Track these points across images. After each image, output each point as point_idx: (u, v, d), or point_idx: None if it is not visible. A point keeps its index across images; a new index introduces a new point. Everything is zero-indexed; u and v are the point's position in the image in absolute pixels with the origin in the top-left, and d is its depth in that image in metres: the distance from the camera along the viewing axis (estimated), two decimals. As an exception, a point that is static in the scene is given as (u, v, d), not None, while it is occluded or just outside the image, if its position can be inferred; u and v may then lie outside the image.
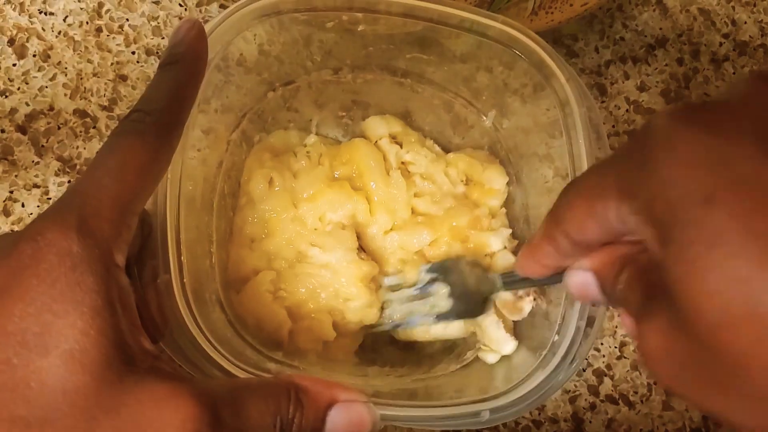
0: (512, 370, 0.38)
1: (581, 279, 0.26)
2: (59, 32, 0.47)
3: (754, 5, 0.54)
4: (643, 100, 0.52)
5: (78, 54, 0.47)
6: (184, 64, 0.28)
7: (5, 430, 0.21)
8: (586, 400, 0.46)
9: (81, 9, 0.48)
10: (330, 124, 0.47)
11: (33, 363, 0.22)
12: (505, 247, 0.43)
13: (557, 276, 0.27)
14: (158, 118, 0.27)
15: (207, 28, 0.33)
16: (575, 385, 0.46)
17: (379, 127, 0.46)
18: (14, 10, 0.47)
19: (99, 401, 0.22)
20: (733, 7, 0.54)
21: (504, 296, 0.41)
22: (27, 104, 0.46)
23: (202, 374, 0.32)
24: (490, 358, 0.41)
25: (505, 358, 0.41)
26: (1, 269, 0.23)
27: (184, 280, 0.33)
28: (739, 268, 0.18)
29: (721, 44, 0.53)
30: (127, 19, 0.48)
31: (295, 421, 0.25)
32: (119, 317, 0.24)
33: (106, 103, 0.47)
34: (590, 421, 0.45)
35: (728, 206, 0.19)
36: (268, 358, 0.40)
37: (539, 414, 0.45)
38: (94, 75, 0.47)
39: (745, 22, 0.54)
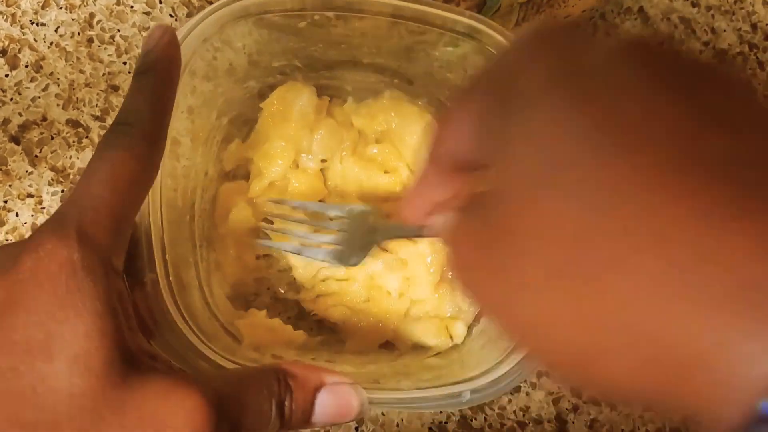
0: (491, 350, 0.39)
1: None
2: (51, 43, 0.48)
3: (733, 14, 0.55)
4: (625, 107, 0.53)
5: (70, 65, 0.48)
6: (158, 72, 0.29)
7: None
8: (569, 401, 0.47)
9: (72, 20, 0.49)
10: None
11: (39, 369, 0.22)
12: None
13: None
14: (142, 128, 0.27)
15: (179, 35, 0.34)
16: (558, 387, 0.47)
17: None
18: (6, 21, 0.48)
19: (105, 401, 0.23)
20: (713, 16, 0.55)
21: None
22: (20, 114, 0.47)
23: (194, 370, 0.33)
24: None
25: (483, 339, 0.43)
26: (4, 283, 0.24)
27: (170, 278, 0.34)
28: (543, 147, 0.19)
29: (701, 52, 0.55)
30: (119, 30, 0.49)
31: (286, 404, 0.26)
32: (120, 320, 0.24)
33: (98, 114, 0.47)
34: (573, 422, 0.47)
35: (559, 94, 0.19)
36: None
37: (524, 415, 0.46)
38: (86, 85, 0.48)
39: (725, 30, 0.55)
